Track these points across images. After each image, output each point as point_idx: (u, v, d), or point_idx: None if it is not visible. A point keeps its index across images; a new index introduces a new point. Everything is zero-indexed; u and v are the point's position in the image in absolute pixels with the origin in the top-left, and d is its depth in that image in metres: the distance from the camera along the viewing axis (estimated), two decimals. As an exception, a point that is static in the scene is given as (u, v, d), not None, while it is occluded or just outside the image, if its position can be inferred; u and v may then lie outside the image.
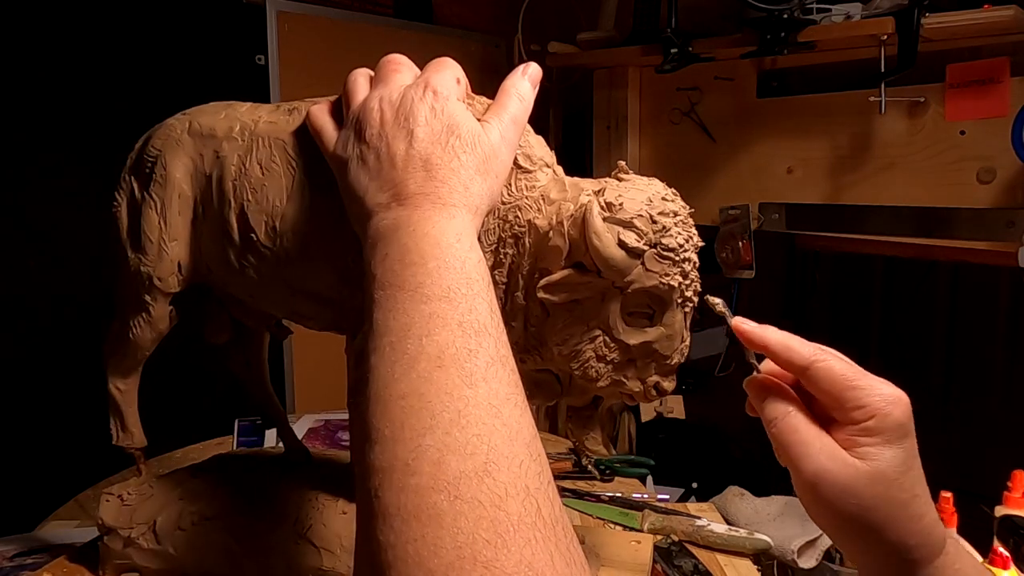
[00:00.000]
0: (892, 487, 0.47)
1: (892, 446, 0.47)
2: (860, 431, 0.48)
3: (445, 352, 0.41)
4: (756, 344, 0.52)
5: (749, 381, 0.53)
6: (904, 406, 0.48)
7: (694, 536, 1.02)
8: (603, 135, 1.95)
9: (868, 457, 0.47)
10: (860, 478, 0.47)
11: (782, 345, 0.51)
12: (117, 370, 0.80)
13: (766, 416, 0.51)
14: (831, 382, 0.49)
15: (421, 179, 0.49)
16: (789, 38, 1.44)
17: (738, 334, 0.52)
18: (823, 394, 0.49)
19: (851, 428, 0.48)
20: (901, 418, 0.48)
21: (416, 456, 0.37)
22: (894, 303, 2.27)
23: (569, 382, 0.65)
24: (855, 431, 0.48)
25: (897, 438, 0.48)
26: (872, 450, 0.47)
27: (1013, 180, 1.36)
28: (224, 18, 1.68)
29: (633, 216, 0.57)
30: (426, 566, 0.34)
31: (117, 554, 0.79)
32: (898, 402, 0.48)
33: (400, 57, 0.57)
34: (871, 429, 0.47)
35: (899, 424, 0.48)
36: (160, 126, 0.74)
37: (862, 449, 0.48)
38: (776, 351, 0.51)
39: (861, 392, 0.48)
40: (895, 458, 0.47)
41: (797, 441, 0.49)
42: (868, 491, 0.47)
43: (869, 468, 0.47)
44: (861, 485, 0.47)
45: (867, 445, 0.48)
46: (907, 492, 0.48)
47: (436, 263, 0.44)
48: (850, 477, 0.47)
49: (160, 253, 0.72)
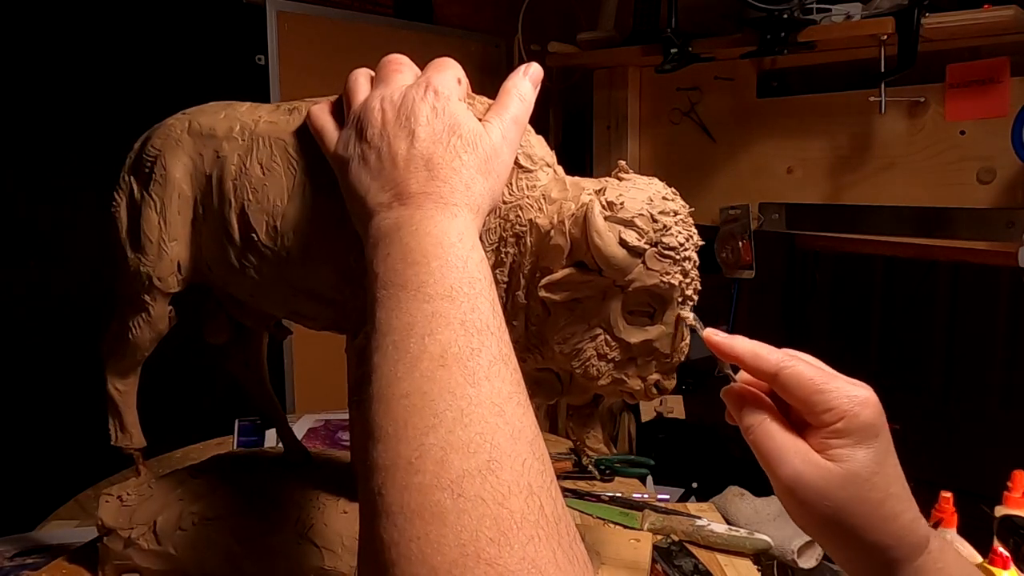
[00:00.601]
0: (864, 487, 0.48)
1: (862, 446, 0.48)
2: (830, 433, 0.48)
3: (448, 351, 0.41)
4: (726, 354, 0.53)
5: (726, 391, 0.54)
6: (872, 406, 0.49)
7: (694, 536, 1.02)
8: (603, 135, 1.95)
9: (840, 459, 0.48)
10: (833, 480, 0.48)
11: (751, 353, 0.52)
12: (116, 370, 0.79)
13: (743, 424, 0.52)
14: (799, 387, 0.49)
15: (423, 179, 0.49)
16: (789, 38, 1.44)
17: (709, 345, 0.53)
18: (793, 399, 0.50)
19: (822, 431, 0.49)
20: (870, 418, 0.48)
21: (419, 454, 0.37)
22: (894, 303, 2.27)
23: (570, 381, 0.65)
24: (826, 434, 0.49)
25: (867, 438, 0.48)
26: (843, 452, 0.48)
27: (1013, 180, 1.36)
28: (224, 18, 1.68)
29: (634, 215, 0.57)
30: (429, 563, 0.34)
31: (117, 555, 0.78)
32: (866, 403, 0.49)
33: (401, 57, 0.57)
34: (840, 431, 0.48)
35: (868, 424, 0.48)
36: (159, 126, 0.74)
37: (834, 451, 0.48)
38: (745, 360, 0.52)
39: (829, 395, 0.49)
40: (866, 458, 0.48)
41: (772, 447, 0.50)
42: (842, 493, 0.48)
43: (841, 470, 0.48)
44: (834, 487, 0.48)
45: (838, 447, 0.48)
46: (881, 491, 0.48)
47: (438, 262, 0.44)
48: (823, 479, 0.48)
49: (159, 253, 0.71)
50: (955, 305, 2.16)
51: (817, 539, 0.52)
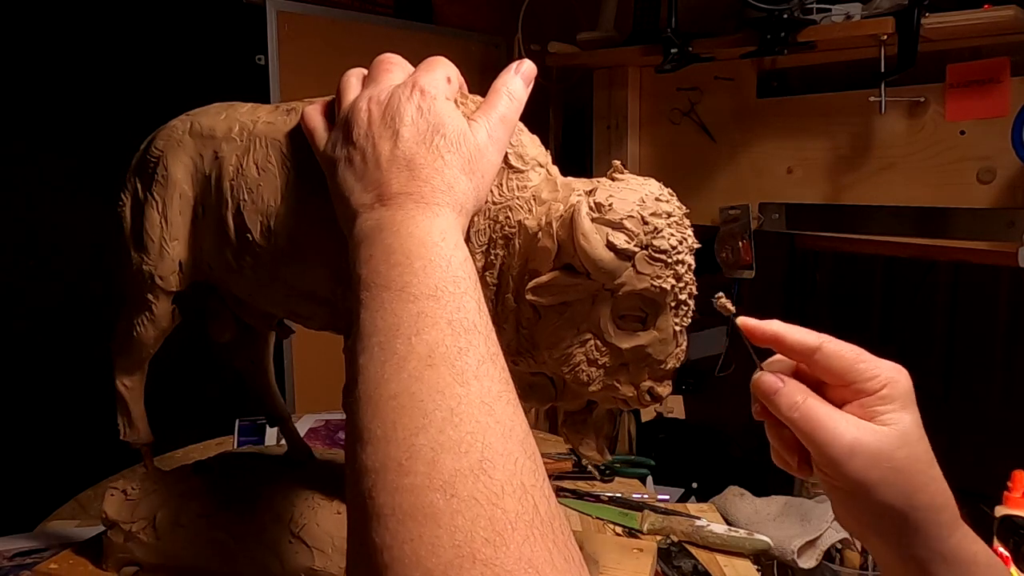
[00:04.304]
0: (917, 447, 0.50)
1: (908, 411, 0.50)
2: (878, 400, 0.50)
3: (435, 351, 0.40)
4: (765, 337, 0.53)
5: (756, 380, 0.53)
6: (907, 376, 0.52)
7: (694, 536, 1.02)
8: (603, 135, 1.95)
9: (891, 422, 0.50)
10: (892, 442, 0.49)
11: (789, 332, 0.53)
12: (123, 368, 0.81)
13: (785, 405, 0.51)
14: (842, 359, 0.51)
15: (404, 179, 0.48)
16: (789, 38, 1.44)
17: (744, 330, 0.54)
18: (832, 373, 0.51)
19: (867, 400, 0.50)
20: (908, 385, 0.51)
21: (410, 455, 0.37)
22: (894, 303, 2.27)
23: (563, 386, 0.63)
24: (872, 400, 0.50)
25: (909, 403, 0.51)
26: (893, 415, 0.50)
27: (1013, 180, 1.36)
28: (224, 18, 1.69)
29: (623, 217, 0.55)
30: (424, 565, 0.34)
31: (119, 547, 0.80)
32: (902, 371, 0.51)
33: (393, 56, 0.57)
34: (887, 397, 0.50)
35: (908, 390, 0.51)
36: (163, 127, 0.75)
37: (884, 416, 0.50)
38: (786, 338, 0.53)
39: (871, 363, 0.51)
40: (913, 421, 0.50)
41: (825, 419, 0.50)
42: (900, 453, 0.49)
43: (896, 431, 0.50)
44: (893, 448, 0.49)
45: (887, 412, 0.50)
46: (929, 453, 0.51)
47: (422, 262, 0.44)
48: (880, 443, 0.49)
49: (161, 252, 0.72)
50: (955, 305, 2.16)
51: (862, 514, 0.52)
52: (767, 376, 0.53)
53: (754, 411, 0.55)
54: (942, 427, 1.68)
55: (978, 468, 1.22)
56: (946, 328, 2.17)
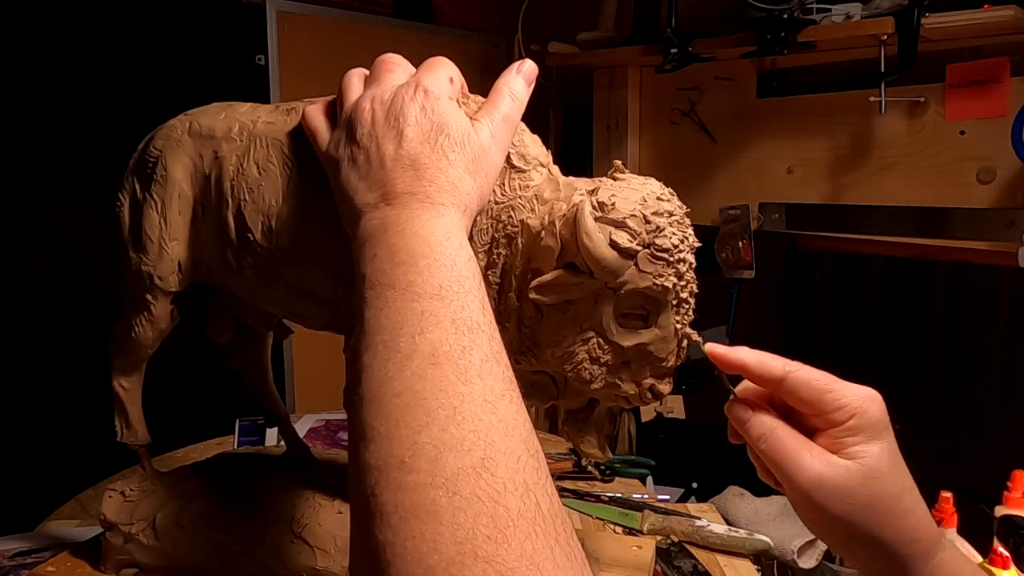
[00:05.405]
0: (884, 482, 0.49)
1: (876, 442, 0.49)
2: (844, 431, 0.49)
3: (439, 349, 0.40)
4: (731, 364, 0.53)
5: (730, 406, 0.54)
6: (879, 403, 0.50)
7: (694, 536, 1.02)
8: (603, 135, 1.95)
9: (857, 456, 0.49)
10: (854, 477, 0.48)
11: (756, 361, 0.52)
12: (121, 368, 0.80)
13: (753, 434, 0.52)
14: (808, 389, 0.50)
15: (409, 179, 0.49)
16: (789, 38, 1.44)
17: (712, 358, 0.53)
18: (801, 402, 0.51)
19: (834, 431, 0.50)
20: (878, 414, 0.50)
21: (412, 453, 0.37)
22: (894, 303, 2.27)
23: (565, 384, 0.64)
24: (839, 432, 0.49)
25: (878, 434, 0.49)
26: (859, 448, 0.49)
27: (1013, 180, 1.36)
28: (224, 18, 1.69)
29: (626, 216, 0.56)
30: (426, 563, 0.34)
31: (118, 549, 0.79)
32: (873, 399, 0.50)
33: (395, 56, 0.57)
34: (854, 428, 0.49)
35: (878, 420, 0.50)
36: (162, 127, 0.74)
37: (850, 449, 0.49)
38: (751, 368, 0.52)
39: (839, 394, 0.50)
40: (881, 453, 0.49)
41: (790, 452, 0.50)
42: (863, 489, 0.48)
43: (860, 467, 0.48)
44: (856, 484, 0.48)
45: (853, 444, 0.49)
46: (898, 486, 0.49)
47: (426, 261, 0.44)
48: (845, 478, 0.48)
49: (160, 252, 0.72)
50: (955, 305, 2.16)
51: (833, 543, 0.52)
52: (736, 406, 0.53)
53: (730, 435, 0.55)
54: (942, 427, 1.67)
55: (978, 468, 1.23)
56: (946, 328, 2.18)
